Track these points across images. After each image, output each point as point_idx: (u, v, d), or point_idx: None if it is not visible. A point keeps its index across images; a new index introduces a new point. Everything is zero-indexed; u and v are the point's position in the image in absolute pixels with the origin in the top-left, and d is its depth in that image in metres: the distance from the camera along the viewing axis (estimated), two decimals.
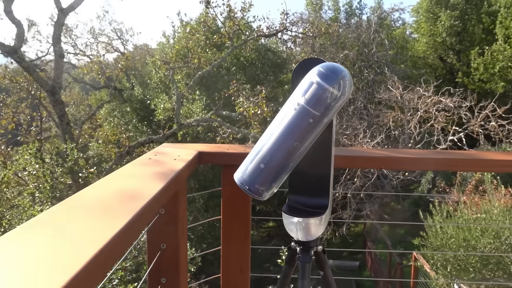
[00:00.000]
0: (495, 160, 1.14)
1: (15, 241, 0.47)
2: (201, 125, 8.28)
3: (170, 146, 1.22)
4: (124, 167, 0.89)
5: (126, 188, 0.73)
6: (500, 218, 5.64)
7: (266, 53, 15.29)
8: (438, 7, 20.96)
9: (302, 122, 0.75)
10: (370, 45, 17.32)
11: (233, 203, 1.18)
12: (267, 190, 0.79)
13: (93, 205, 0.62)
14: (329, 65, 0.75)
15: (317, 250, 0.89)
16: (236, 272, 1.20)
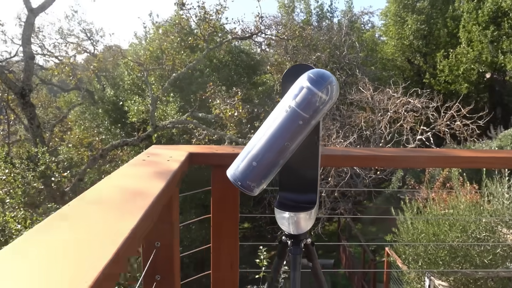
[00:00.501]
0: (474, 157, 1.25)
1: (46, 234, 0.51)
2: (176, 127, 8.25)
3: (161, 148, 1.25)
4: (122, 168, 0.92)
5: (131, 187, 0.77)
6: (467, 213, 5.92)
7: (240, 55, 15.37)
8: (405, 11, 21.70)
9: (293, 123, 0.82)
10: (341, 48, 17.72)
11: (222, 202, 1.23)
12: (258, 186, 0.85)
13: (107, 202, 0.66)
14: (318, 71, 0.82)
15: (306, 242, 0.95)
16: (227, 268, 1.25)
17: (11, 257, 0.46)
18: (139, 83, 14.00)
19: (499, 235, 5.83)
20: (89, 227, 0.54)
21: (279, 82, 14.99)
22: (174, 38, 8.80)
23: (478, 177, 8.72)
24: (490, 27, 17.57)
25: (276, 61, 14.44)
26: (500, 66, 17.90)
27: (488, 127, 14.01)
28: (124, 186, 0.78)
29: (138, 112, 9.84)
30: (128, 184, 0.80)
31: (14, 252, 0.47)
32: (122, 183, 0.80)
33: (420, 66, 22.09)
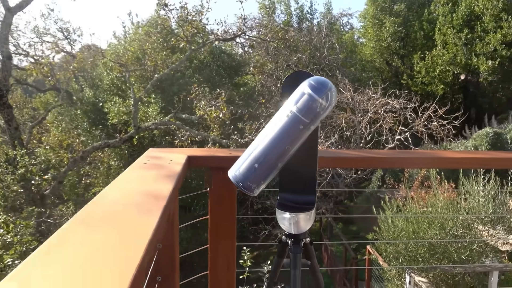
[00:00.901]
0: (472, 158, 1.33)
1: (76, 236, 0.53)
2: (159, 129, 8.18)
3: (159, 151, 1.27)
4: (127, 172, 0.94)
5: (142, 190, 0.79)
6: (444, 211, 6.12)
7: (221, 56, 15.36)
8: (383, 13, 22.16)
9: (294, 128, 0.86)
10: (322, 49, 17.94)
11: (220, 203, 1.26)
12: (258, 187, 0.88)
13: (124, 205, 0.68)
14: (319, 79, 0.86)
15: (305, 241, 0.99)
16: (224, 269, 1.28)
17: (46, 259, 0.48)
18: (118, 84, 13.79)
19: (475, 231, 6.04)
20: (115, 230, 0.56)
21: (260, 83, 15.06)
22: (156, 39, 8.73)
23: (455, 176, 9.01)
24: (464, 30, 18.14)
25: (257, 62, 14.51)
26: (473, 68, 18.50)
27: (463, 127, 14.48)
28: (135, 189, 0.80)
29: (118, 114, 9.71)
30: (139, 187, 0.82)
31: (47, 254, 0.48)
32: (132, 186, 0.82)
33: (398, 68, 22.59)
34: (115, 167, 12.06)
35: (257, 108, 9.59)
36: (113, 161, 11.96)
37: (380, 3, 22.12)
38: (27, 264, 0.46)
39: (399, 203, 6.93)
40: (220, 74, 14.89)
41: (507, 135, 13.54)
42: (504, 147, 13.03)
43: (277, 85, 15.46)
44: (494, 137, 13.10)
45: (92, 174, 10.29)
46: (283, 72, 16.16)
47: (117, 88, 13.78)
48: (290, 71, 17.41)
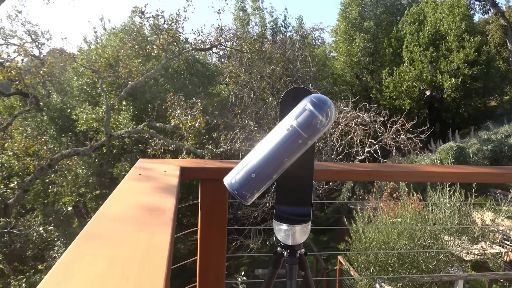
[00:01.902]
0: (471, 173, 1.39)
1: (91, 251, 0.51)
2: (132, 137, 8.03)
3: (150, 162, 1.26)
4: (123, 184, 0.92)
5: (145, 203, 0.78)
6: (413, 222, 6.32)
7: (195, 65, 15.32)
8: (354, 29, 22.90)
9: (293, 142, 0.88)
10: (295, 62, 18.25)
11: (211, 214, 1.26)
12: (252, 196, 0.90)
13: (131, 218, 0.67)
14: (320, 96, 0.90)
15: (300, 253, 1.01)
16: (213, 280, 1.27)
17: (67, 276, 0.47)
18: (88, 90, 13.45)
19: (442, 242, 6.26)
20: (130, 243, 0.56)
21: (234, 94, 15.11)
22: (132, 46, 8.60)
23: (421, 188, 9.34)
24: (429, 49, 19.00)
25: (231, 72, 14.57)
26: (438, 84, 19.36)
27: (429, 141, 15.06)
28: (137, 202, 0.79)
29: (88, 121, 9.45)
30: (140, 200, 0.81)
31: (67, 271, 0.48)
32: (133, 200, 0.81)
33: (368, 82, 23.30)
34: (83, 176, 11.67)
35: (232, 118, 9.60)
36: (80, 170, 11.58)
37: (351, 20, 22.85)
38: (48, 282, 0.45)
39: (370, 213, 7.10)
40: (193, 83, 14.84)
41: (469, 149, 14.20)
42: (467, 161, 13.65)
43: (251, 95, 15.56)
44: (458, 151, 13.70)
45: (59, 183, 9.92)
46: (256, 83, 16.30)
47: (87, 95, 13.43)
48: (264, 82, 17.63)
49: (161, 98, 10.51)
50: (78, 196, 9.65)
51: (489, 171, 1.36)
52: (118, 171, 10.57)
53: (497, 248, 7.64)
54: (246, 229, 11.33)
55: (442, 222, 6.30)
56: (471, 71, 18.04)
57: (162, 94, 12.35)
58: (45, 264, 6.70)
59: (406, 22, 21.44)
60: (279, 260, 1.04)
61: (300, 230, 0.98)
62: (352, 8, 22.86)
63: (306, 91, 0.96)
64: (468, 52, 17.99)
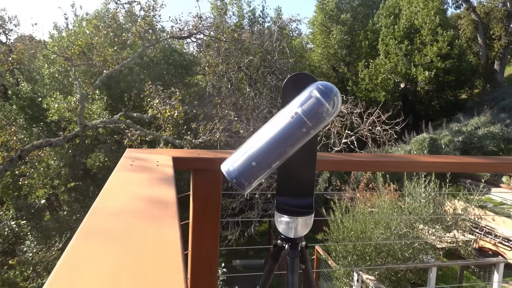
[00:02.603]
0: (470, 163, 1.39)
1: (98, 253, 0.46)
2: (107, 127, 7.79)
3: (140, 152, 1.19)
4: (114, 175, 0.86)
5: (145, 195, 0.72)
6: (389, 211, 6.46)
7: (172, 54, 15.03)
8: (331, 21, 23.01)
9: (297, 130, 0.84)
10: (273, 53, 18.18)
11: (203, 206, 1.21)
12: (249, 185, 0.85)
13: (133, 212, 0.62)
14: (326, 84, 0.86)
15: (302, 245, 0.98)
16: (206, 273, 1.23)
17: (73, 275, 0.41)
18: (60, 78, 12.97)
19: (417, 230, 6.44)
20: (138, 239, 0.50)
21: (212, 84, 14.93)
22: (106, 33, 8.29)
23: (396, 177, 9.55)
24: (404, 42, 19.34)
25: (208, 62, 14.37)
26: (412, 77, 19.78)
27: (403, 133, 15.40)
28: (136, 194, 0.73)
29: (59, 110, 9.11)
30: (138, 192, 0.75)
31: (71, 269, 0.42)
32: (132, 191, 0.75)
33: (344, 74, 23.54)
34: (55, 167, 11.30)
35: (211, 108, 9.47)
36: (52, 161, 11.19)
37: (328, 11, 22.93)
38: (54, 282, 0.39)
39: (347, 204, 7.20)
40: (170, 73, 14.56)
41: (441, 140, 14.63)
42: (439, 152, 14.06)
43: (228, 86, 15.42)
44: (430, 142, 14.09)
45: (29, 175, 9.55)
46: (234, 73, 16.17)
47: (59, 83, 12.95)
48: (241, 73, 17.50)
49: (137, 88, 10.24)
50: (51, 188, 9.34)
51: (482, 161, 1.37)
52: (92, 162, 10.28)
53: (468, 236, 7.93)
54: (224, 221, 11.31)
55: (418, 211, 6.47)
56: (444, 64, 18.52)
57: (137, 84, 12.05)
58: (16, 259, 6.45)
59: (382, 15, 21.72)
60: (279, 253, 1.01)
61: (303, 222, 0.94)
62: (329, 0, 22.94)
63: (310, 77, 0.92)
64: (441, 45, 18.44)
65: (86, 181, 12.57)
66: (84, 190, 12.75)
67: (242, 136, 11.53)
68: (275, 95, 16.43)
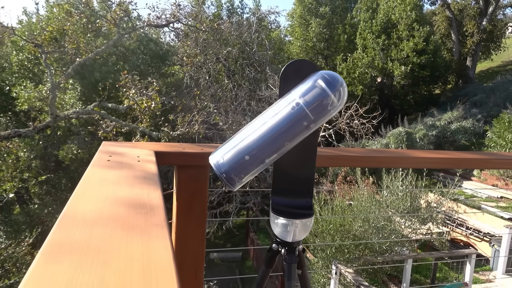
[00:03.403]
0: (469, 159, 1.33)
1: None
2: (80, 118, 7.48)
3: (117, 145, 1.07)
4: (89, 172, 0.74)
5: (126, 196, 0.61)
6: (368, 204, 6.51)
7: (148, 43, 14.63)
8: (310, 14, 23.00)
9: (297, 123, 0.75)
10: (251, 44, 18.00)
11: (189, 205, 1.10)
12: (240, 181, 0.76)
13: (112, 220, 0.51)
14: (332, 73, 0.77)
15: (299, 249, 0.90)
16: (191, 278, 1.13)
17: None
18: (30, 66, 12.42)
19: (394, 223, 6.53)
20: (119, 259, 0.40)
21: (189, 75, 14.64)
22: (80, 19, 7.91)
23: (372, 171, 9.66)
24: (381, 36, 19.55)
25: (186, 53, 14.07)
26: (389, 72, 20.05)
27: (380, 126, 15.61)
28: (115, 196, 0.62)
29: (30, 99, 8.70)
30: (119, 193, 0.64)
31: None
32: (109, 193, 0.64)
33: (322, 67, 23.62)
34: (25, 159, 10.85)
35: (190, 99, 9.26)
36: (22, 152, 10.73)
37: (307, 4, 22.90)
38: None
39: (326, 197, 7.23)
40: (146, 62, 14.18)
41: (416, 134, 14.92)
42: (414, 145, 14.34)
43: (206, 78, 15.18)
44: (406, 136, 14.34)
45: None
46: (212, 64, 15.93)
47: (28, 71, 12.40)
48: (220, 65, 17.27)
49: (112, 78, 9.90)
50: (20, 182, 8.94)
51: (480, 157, 1.33)
52: (64, 154, 9.91)
53: (442, 228, 8.12)
54: None
55: (395, 204, 6.55)
56: (419, 59, 18.84)
57: (112, 74, 11.67)
58: None
59: (360, 9, 21.86)
60: (274, 258, 0.92)
61: (302, 225, 0.85)
62: None
63: (312, 65, 0.83)
64: (417, 41, 18.74)
65: (58, 174, 12.15)
66: (56, 183, 12.33)
67: (221, 129, 11.38)
68: (253, 87, 16.30)
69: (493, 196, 11.89)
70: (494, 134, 13.38)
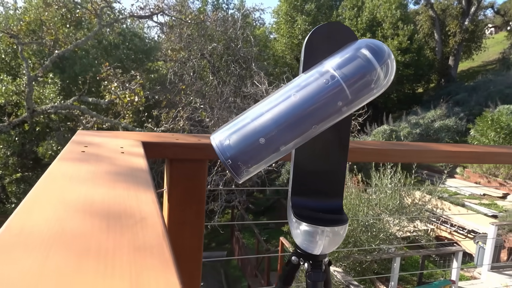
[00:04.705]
0: (493, 153, 1.18)
1: None
2: (59, 113, 7.15)
3: (95, 134, 0.88)
4: (55, 167, 0.55)
5: (104, 201, 0.43)
6: (357, 202, 6.42)
7: (132, 38, 14.25)
8: (295, 11, 22.92)
9: (331, 102, 0.57)
10: (236, 41, 17.78)
11: (183, 207, 0.92)
12: (247, 171, 0.57)
13: (75, 238, 0.32)
14: (376, 41, 0.59)
15: (324, 263, 0.72)
16: None
17: None
18: (7, 59, 11.92)
19: (383, 221, 6.45)
20: None
21: (173, 71, 14.32)
22: (59, 9, 7.54)
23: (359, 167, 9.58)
24: (367, 34, 19.60)
25: (170, 47, 13.75)
26: None
27: (365, 124, 15.65)
28: (87, 201, 0.43)
29: (7, 93, 8.30)
30: (94, 196, 0.45)
31: None
32: (80, 196, 0.45)
33: None
34: (1, 156, 10.41)
35: (175, 95, 8.99)
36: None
37: (293, 1, 22.80)
38: None
39: None
40: (130, 58, 13.80)
41: (401, 132, 15.00)
42: None
43: (190, 74, 14.88)
44: (391, 134, 14.41)
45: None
46: (197, 60, 15.65)
47: (4, 64, 11.89)
48: (204, 61, 16.99)
49: (93, 72, 9.56)
50: None
51: (505, 151, 1.19)
52: (44, 151, 9.52)
53: (428, 226, 8.12)
54: None
55: (384, 203, 6.48)
56: (404, 58, 18.97)
57: (94, 68, 11.30)
58: None
59: (346, 7, 21.88)
60: (293, 273, 0.74)
61: (334, 234, 0.68)
62: None
63: (347, 30, 0.65)
64: (402, 40, 18.86)
65: (37, 171, 11.71)
66: (34, 181, 11.85)
67: (206, 126, 11.14)
68: (239, 84, 16.10)
69: (476, 194, 12.02)
70: (477, 132, 13.55)
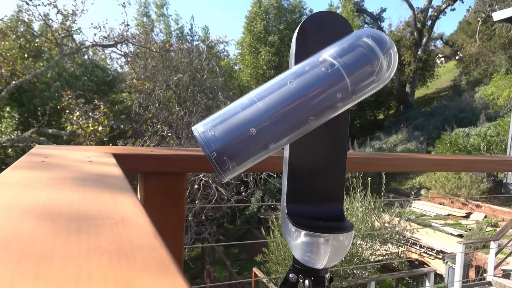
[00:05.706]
0: (491, 161, 1.15)
1: None
2: (16, 146, 6.75)
3: (57, 148, 0.77)
4: (6, 175, 0.45)
5: (72, 202, 0.33)
6: None
7: (94, 70, 14.00)
8: (259, 43, 23.55)
9: (331, 92, 0.51)
10: (202, 71, 17.90)
11: (158, 226, 0.82)
12: (233, 168, 0.48)
13: (30, 243, 0.23)
14: (376, 30, 0.55)
15: (326, 279, 0.64)
16: None
17: None
18: None
19: (356, 246, 6.43)
20: None
21: (138, 102, 14.11)
22: (16, 39, 7.26)
23: None
24: None
25: (134, 80, 13.60)
26: None
27: None
28: (47, 203, 0.34)
29: None
30: (55, 198, 0.36)
31: None
32: (38, 199, 0.35)
33: None
34: None
35: (141, 124, 8.77)
36: None
37: (256, 33, 23.46)
38: None
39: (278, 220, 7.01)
40: (92, 90, 13.51)
41: None
42: None
43: (156, 105, 14.71)
44: None
45: None
46: (162, 91, 15.54)
47: None
48: (170, 91, 16.92)
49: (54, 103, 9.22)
50: None
51: (490, 159, 1.18)
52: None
53: (399, 248, 8.19)
54: None
55: (356, 226, 6.47)
56: None
57: (54, 100, 10.93)
58: None
59: None
60: None
61: (339, 244, 0.60)
62: (257, 22, 23.51)
63: (342, 19, 0.61)
64: None
65: None
66: None
67: None
68: (206, 114, 16.07)
69: (441, 214, 12.36)
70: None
